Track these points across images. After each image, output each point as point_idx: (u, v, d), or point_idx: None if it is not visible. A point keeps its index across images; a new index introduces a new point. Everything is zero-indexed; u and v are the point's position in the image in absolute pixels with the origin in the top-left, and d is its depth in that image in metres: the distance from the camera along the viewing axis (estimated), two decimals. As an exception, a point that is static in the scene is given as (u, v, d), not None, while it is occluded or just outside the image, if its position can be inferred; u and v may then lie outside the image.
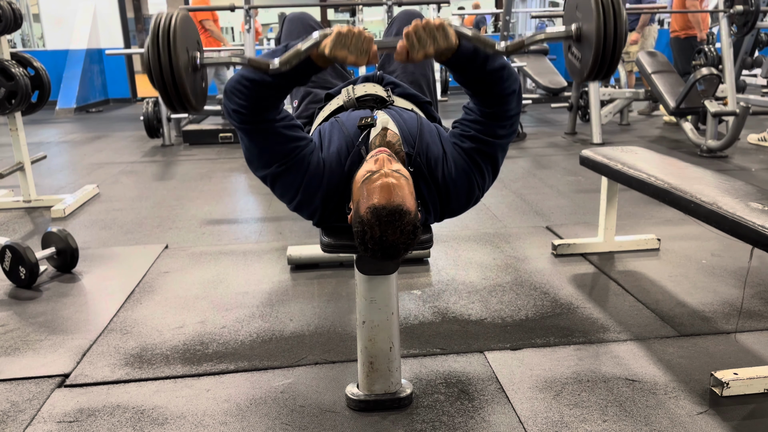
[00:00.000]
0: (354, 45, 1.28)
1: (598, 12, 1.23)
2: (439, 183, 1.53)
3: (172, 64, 1.20)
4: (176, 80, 1.22)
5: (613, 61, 1.26)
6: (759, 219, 1.68)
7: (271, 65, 1.30)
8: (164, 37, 1.20)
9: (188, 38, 1.28)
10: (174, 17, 1.23)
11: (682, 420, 1.59)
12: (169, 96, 1.24)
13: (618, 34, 1.23)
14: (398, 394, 1.67)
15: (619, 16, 1.23)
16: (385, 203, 1.30)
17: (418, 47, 1.29)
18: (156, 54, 1.20)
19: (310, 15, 2.00)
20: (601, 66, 1.27)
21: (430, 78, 1.90)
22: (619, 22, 1.23)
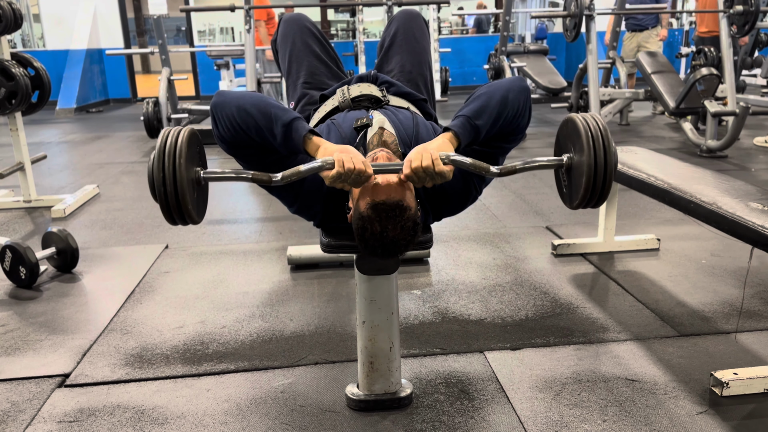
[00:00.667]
0: (353, 181, 1.32)
1: (588, 146, 1.30)
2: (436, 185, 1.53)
3: (177, 182, 1.23)
4: (179, 198, 1.25)
5: (603, 193, 1.32)
6: (759, 219, 1.68)
7: (273, 179, 1.34)
8: (170, 156, 1.23)
9: (193, 155, 1.31)
10: (181, 135, 1.26)
11: (682, 420, 1.59)
12: (171, 212, 1.27)
13: (608, 169, 1.30)
14: (398, 394, 1.67)
15: (609, 152, 1.30)
16: (385, 199, 1.31)
17: (416, 182, 1.35)
18: (161, 172, 1.23)
19: (306, 16, 2.00)
20: (591, 197, 1.33)
21: (427, 77, 1.90)
22: (608, 158, 1.30)
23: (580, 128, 1.32)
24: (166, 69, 5.68)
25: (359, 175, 1.31)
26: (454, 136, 1.40)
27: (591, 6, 4.95)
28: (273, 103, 1.41)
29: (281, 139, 1.37)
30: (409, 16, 1.97)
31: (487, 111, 1.41)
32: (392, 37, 1.94)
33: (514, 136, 1.52)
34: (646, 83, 5.47)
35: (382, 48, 1.99)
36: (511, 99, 1.43)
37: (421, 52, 1.90)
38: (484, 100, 1.42)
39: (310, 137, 1.38)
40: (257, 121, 1.38)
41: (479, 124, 1.40)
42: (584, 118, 1.35)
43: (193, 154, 1.31)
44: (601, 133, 1.31)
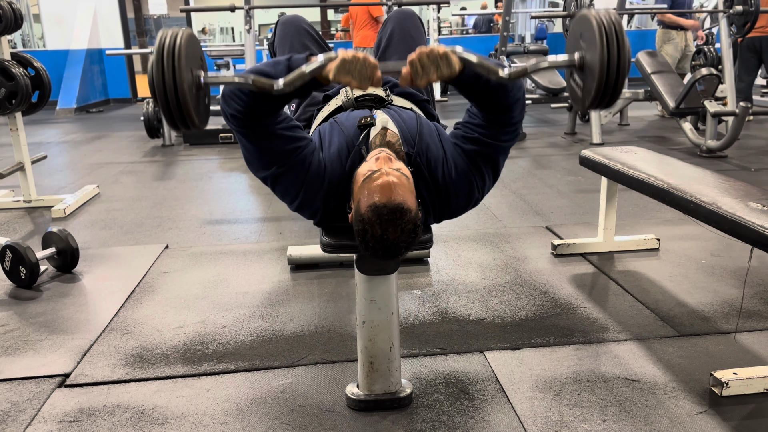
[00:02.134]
0: (358, 71, 1.29)
1: (602, 41, 1.24)
2: (439, 184, 1.53)
3: (176, 83, 1.21)
4: (180, 100, 1.22)
5: (615, 91, 1.26)
6: (758, 219, 1.68)
7: (275, 86, 1.31)
8: (169, 56, 1.21)
9: (193, 57, 1.29)
10: (179, 36, 1.24)
11: (682, 420, 1.59)
12: (172, 115, 1.25)
13: (621, 64, 1.24)
14: (398, 394, 1.67)
15: (623, 47, 1.24)
16: (386, 201, 1.31)
17: (421, 74, 1.31)
18: (160, 73, 1.21)
19: (303, 18, 2.00)
20: (603, 96, 1.27)
21: None
22: (622, 53, 1.24)
23: (593, 23, 1.25)
24: (166, 69, 5.67)
25: (364, 63, 1.29)
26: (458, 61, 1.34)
27: (591, 6, 4.95)
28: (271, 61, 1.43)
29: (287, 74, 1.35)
30: (404, 15, 1.97)
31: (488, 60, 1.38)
32: (389, 37, 1.94)
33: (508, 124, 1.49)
34: (646, 83, 5.47)
35: (379, 48, 1.99)
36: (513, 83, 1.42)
37: None
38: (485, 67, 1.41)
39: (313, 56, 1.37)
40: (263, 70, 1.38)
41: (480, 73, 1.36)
42: (598, 13, 1.28)
43: (193, 55, 1.28)
44: (614, 28, 1.24)
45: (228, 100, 1.42)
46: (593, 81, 1.26)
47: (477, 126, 1.51)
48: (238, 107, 1.40)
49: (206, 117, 1.37)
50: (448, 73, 1.31)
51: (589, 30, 1.28)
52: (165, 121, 1.26)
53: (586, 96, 1.31)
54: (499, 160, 1.55)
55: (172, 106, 1.22)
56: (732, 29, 5.08)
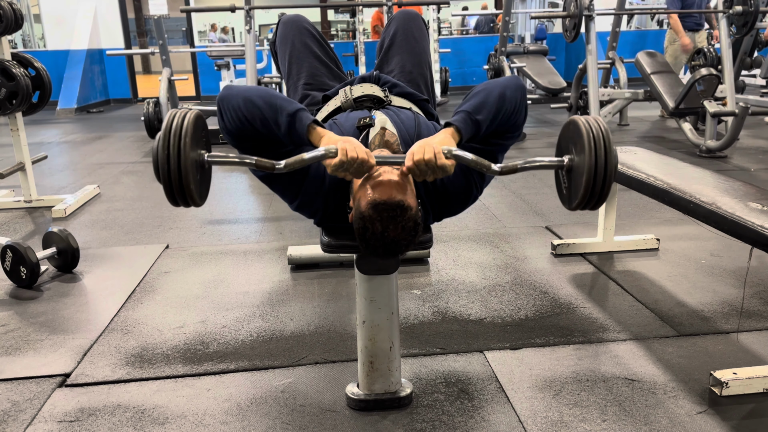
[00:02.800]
0: (355, 170, 1.33)
1: (590, 148, 1.30)
2: (437, 183, 1.53)
3: (181, 164, 1.24)
4: (183, 180, 1.26)
5: (602, 194, 1.33)
6: (758, 219, 1.68)
7: (277, 166, 1.35)
8: (176, 137, 1.24)
9: (198, 137, 1.31)
10: (187, 117, 1.26)
11: (682, 419, 1.60)
12: (174, 194, 1.28)
13: (608, 169, 1.31)
14: (398, 394, 1.67)
15: (610, 153, 1.31)
16: (386, 199, 1.31)
17: (418, 176, 1.36)
18: (165, 154, 1.24)
19: (305, 17, 2.00)
20: (590, 198, 1.34)
21: (428, 77, 1.90)
22: (609, 158, 1.30)
23: (582, 130, 1.34)
24: (166, 69, 5.69)
25: (361, 164, 1.32)
26: (455, 131, 1.41)
27: (590, 6, 4.95)
28: (278, 95, 1.42)
29: (285, 129, 1.38)
30: (408, 16, 1.97)
31: (486, 106, 1.42)
32: (392, 38, 1.95)
33: (511, 133, 1.53)
34: (646, 83, 5.47)
35: (381, 48, 1.99)
36: (509, 96, 1.45)
37: (421, 52, 1.91)
38: (483, 96, 1.44)
39: (314, 127, 1.39)
40: (263, 112, 1.39)
41: (480, 119, 1.41)
42: (587, 120, 1.36)
43: (198, 136, 1.31)
44: (602, 136, 1.32)
45: (223, 114, 1.43)
46: (580, 185, 1.33)
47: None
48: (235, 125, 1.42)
49: (206, 193, 1.40)
50: (442, 175, 1.37)
51: (577, 135, 1.35)
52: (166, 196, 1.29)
53: (573, 197, 1.38)
54: (498, 158, 1.56)
55: (175, 185, 1.26)
56: (732, 29, 5.08)
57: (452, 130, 1.41)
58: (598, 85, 5.47)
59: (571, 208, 1.41)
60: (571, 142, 1.39)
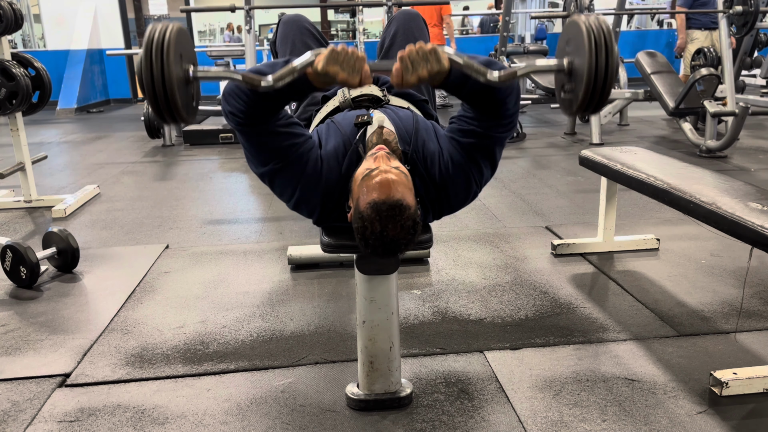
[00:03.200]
0: (346, 62, 1.30)
1: (590, 48, 1.25)
2: (436, 180, 1.53)
3: (165, 77, 1.21)
4: (168, 93, 1.22)
5: (603, 96, 1.27)
6: (758, 219, 1.68)
7: (264, 82, 1.31)
8: (158, 49, 1.20)
9: (183, 51, 1.28)
10: (169, 30, 1.23)
11: (682, 419, 1.60)
12: (159, 108, 1.24)
13: (609, 70, 1.25)
14: (398, 394, 1.67)
15: (611, 53, 1.25)
16: (385, 198, 1.31)
17: (411, 69, 1.31)
18: (149, 65, 1.20)
19: (305, 17, 2.00)
20: (590, 100, 1.28)
21: None
22: (610, 58, 1.25)
23: (582, 29, 1.26)
24: (166, 69, 5.68)
25: (352, 57, 1.30)
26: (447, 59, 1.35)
27: (590, 6, 4.95)
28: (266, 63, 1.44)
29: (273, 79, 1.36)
30: (408, 16, 1.97)
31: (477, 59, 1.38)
32: (392, 38, 1.95)
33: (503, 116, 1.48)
34: (646, 83, 5.47)
35: (382, 48, 2.00)
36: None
37: None
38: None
39: None
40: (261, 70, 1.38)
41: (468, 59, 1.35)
42: (587, 19, 1.29)
43: (182, 49, 1.28)
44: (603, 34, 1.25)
45: (228, 98, 1.42)
46: (581, 86, 1.27)
47: (472, 119, 1.51)
48: (238, 106, 1.41)
49: (195, 111, 1.37)
50: (437, 68, 1.31)
51: (577, 35, 1.29)
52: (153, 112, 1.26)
53: (574, 100, 1.31)
54: (496, 152, 1.55)
55: (160, 98, 1.22)
56: (732, 29, 5.08)
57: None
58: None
59: (571, 112, 1.35)
60: (571, 42, 1.33)
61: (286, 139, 1.47)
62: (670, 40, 10.39)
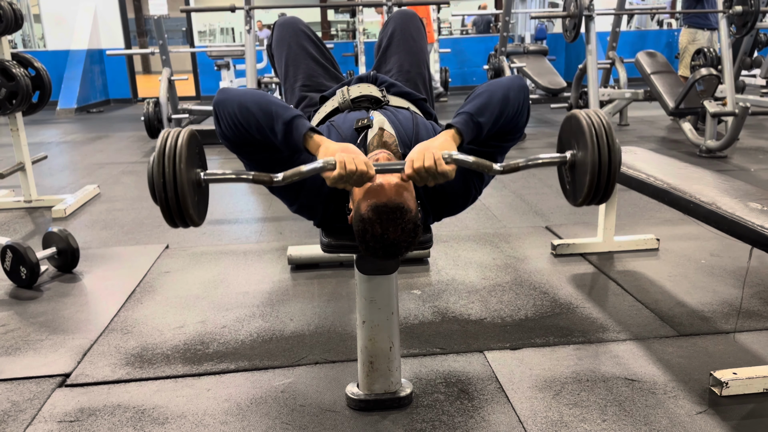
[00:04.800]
0: (355, 182, 1.32)
1: (592, 143, 1.27)
2: (437, 185, 1.53)
3: (177, 185, 1.21)
4: (180, 200, 1.23)
5: (607, 189, 1.30)
6: (758, 219, 1.68)
7: (275, 179, 1.33)
8: (170, 157, 1.21)
9: (193, 156, 1.29)
10: (181, 136, 1.24)
11: (682, 420, 1.60)
12: (171, 214, 1.25)
13: (612, 164, 1.28)
14: (398, 394, 1.67)
15: (613, 149, 1.28)
16: (386, 201, 1.31)
17: (419, 182, 1.35)
18: (161, 173, 1.21)
19: (300, 19, 1.99)
20: (595, 194, 1.31)
21: (426, 77, 1.90)
22: (612, 153, 1.28)
23: (583, 125, 1.31)
24: (166, 69, 5.69)
25: (361, 176, 1.31)
26: (456, 133, 1.39)
27: (590, 6, 4.95)
28: (274, 100, 1.40)
29: (282, 137, 1.37)
30: (405, 16, 1.97)
31: (489, 108, 1.40)
32: (389, 38, 1.94)
33: (513, 135, 1.51)
34: (646, 83, 5.47)
35: (379, 49, 1.99)
36: (512, 97, 1.43)
37: (419, 51, 1.91)
38: (485, 97, 1.42)
39: (311, 135, 1.38)
40: (258, 119, 1.37)
41: (482, 122, 1.40)
42: (588, 114, 1.33)
43: (193, 155, 1.29)
44: (605, 130, 1.29)
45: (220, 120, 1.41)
46: (584, 181, 1.30)
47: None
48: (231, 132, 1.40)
49: (204, 213, 1.38)
50: (443, 181, 1.35)
51: (579, 131, 1.32)
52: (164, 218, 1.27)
53: (578, 193, 1.35)
54: (498, 159, 1.56)
55: (172, 207, 1.23)
56: (732, 29, 5.08)
57: (453, 133, 1.39)
58: (598, 85, 5.47)
59: (576, 204, 1.38)
60: (573, 137, 1.36)
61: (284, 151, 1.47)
62: (670, 40, 10.39)
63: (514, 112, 1.45)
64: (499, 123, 1.44)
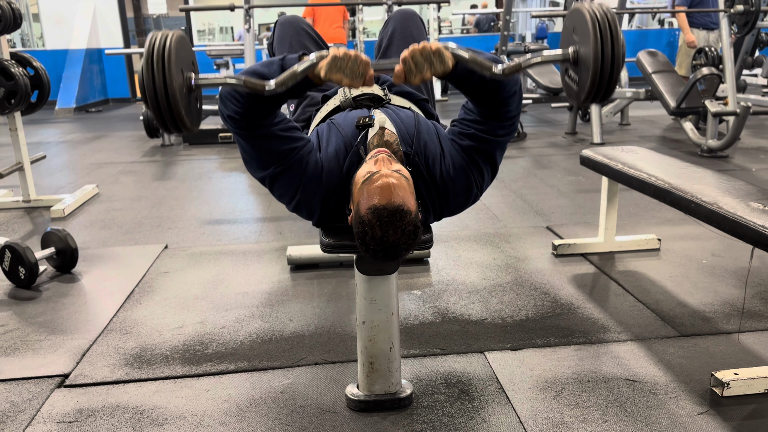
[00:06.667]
0: (350, 68, 1.28)
1: (596, 36, 1.23)
2: (437, 181, 1.52)
3: (167, 85, 1.20)
4: (170, 102, 1.21)
5: (610, 84, 1.26)
6: (759, 219, 1.67)
7: (267, 87, 1.30)
8: (159, 58, 1.19)
9: (184, 59, 1.27)
10: (169, 38, 1.22)
11: (683, 420, 1.59)
12: (163, 117, 1.23)
13: (615, 57, 1.24)
14: (398, 395, 1.67)
15: (617, 40, 1.24)
16: (386, 203, 1.30)
17: (414, 71, 1.30)
18: (150, 75, 1.19)
19: (302, 18, 2.00)
20: (598, 89, 1.27)
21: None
22: (616, 46, 1.24)
23: (586, 17, 1.25)
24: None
25: (355, 61, 1.28)
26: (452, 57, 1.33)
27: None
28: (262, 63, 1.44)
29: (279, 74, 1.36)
30: (405, 15, 1.97)
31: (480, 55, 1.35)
32: (390, 37, 1.94)
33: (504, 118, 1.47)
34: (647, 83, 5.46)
35: (380, 48, 1.99)
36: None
37: None
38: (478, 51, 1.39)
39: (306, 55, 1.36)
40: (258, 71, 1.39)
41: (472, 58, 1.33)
42: (591, 7, 1.28)
43: (183, 57, 1.27)
44: (608, 22, 1.24)
45: (225, 101, 1.41)
46: (587, 74, 1.25)
47: (473, 122, 1.50)
48: (236, 108, 1.40)
49: (198, 119, 1.36)
50: (441, 69, 1.30)
51: (582, 24, 1.27)
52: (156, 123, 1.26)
53: (581, 90, 1.30)
54: (496, 155, 1.55)
55: (163, 108, 1.21)
56: (733, 29, 5.07)
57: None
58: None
59: (579, 102, 1.33)
60: (576, 31, 1.31)
61: (286, 142, 1.46)
62: (671, 40, 10.38)
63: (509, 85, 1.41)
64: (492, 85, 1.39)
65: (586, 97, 1.28)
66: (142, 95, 1.22)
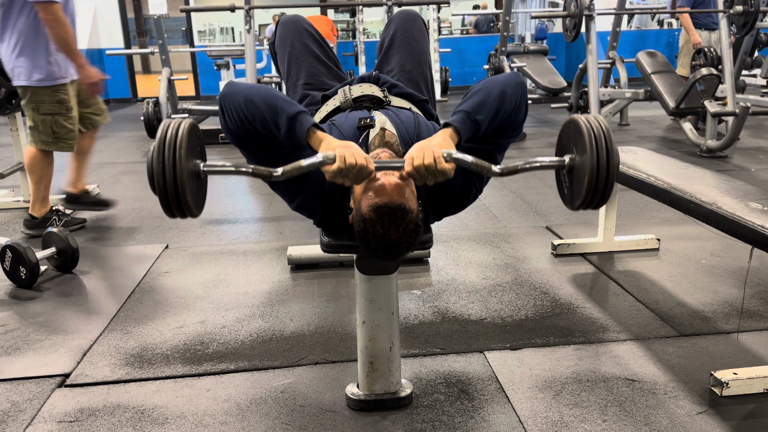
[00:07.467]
0: (354, 177, 1.31)
1: (591, 148, 1.28)
2: (437, 183, 1.53)
3: (176, 175, 1.21)
4: (179, 191, 1.23)
5: (605, 194, 1.31)
6: (758, 219, 1.68)
7: (274, 173, 1.32)
8: (170, 148, 1.21)
9: (194, 147, 1.29)
10: (182, 127, 1.24)
11: (682, 420, 1.59)
12: (170, 204, 1.25)
13: (610, 169, 1.29)
14: (398, 394, 1.67)
15: (611, 154, 1.29)
16: (387, 201, 1.31)
17: (418, 179, 1.35)
18: (161, 165, 1.21)
19: (303, 18, 2.00)
20: (592, 198, 1.32)
21: (428, 77, 1.90)
22: (611, 159, 1.29)
23: (582, 129, 1.32)
24: (166, 69, 5.68)
25: (360, 171, 1.30)
26: (454, 131, 1.39)
27: (591, 6, 4.95)
28: (280, 95, 1.41)
29: (285, 132, 1.38)
30: (407, 16, 1.97)
31: (486, 106, 1.41)
32: (391, 38, 1.94)
33: (511, 131, 1.51)
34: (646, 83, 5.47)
35: (381, 48, 1.99)
36: (509, 94, 1.44)
37: (421, 52, 1.91)
38: (482, 95, 1.42)
39: (314, 131, 1.38)
40: (263, 113, 1.38)
41: (479, 119, 1.40)
42: (587, 119, 1.34)
43: (194, 146, 1.30)
44: (603, 135, 1.30)
45: (225, 113, 1.42)
46: (582, 185, 1.31)
47: None
48: (236, 125, 1.41)
49: (203, 204, 1.39)
50: (443, 179, 1.35)
51: (578, 135, 1.33)
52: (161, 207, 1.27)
53: (576, 197, 1.36)
54: (497, 157, 1.56)
55: (171, 197, 1.24)
56: (732, 29, 5.07)
57: (451, 131, 1.39)
58: (599, 84, 5.47)
59: (573, 208, 1.40)
60: (572, 141, 1.38)
61: (286, 147, 1.47)
62: (670, 40, 10.38)
63: (512, 109, 1.45)
64: (497, 120, 1.44)
65: (581, 204, 1.35)
66: (149, 180, 1.23)
